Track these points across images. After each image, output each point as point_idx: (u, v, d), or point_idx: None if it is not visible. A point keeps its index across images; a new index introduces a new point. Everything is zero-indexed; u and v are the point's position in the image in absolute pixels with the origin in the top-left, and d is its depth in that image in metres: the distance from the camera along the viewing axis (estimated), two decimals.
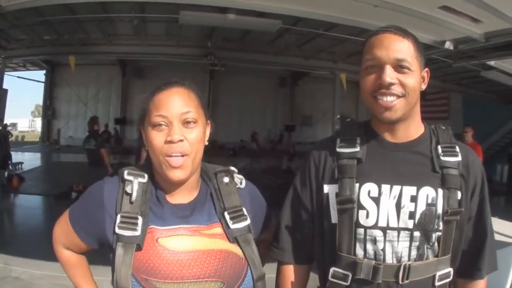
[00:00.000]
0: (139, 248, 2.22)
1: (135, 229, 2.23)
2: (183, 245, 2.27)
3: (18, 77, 40.74)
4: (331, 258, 2.43)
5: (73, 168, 22.26)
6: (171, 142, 2.26)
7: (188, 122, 2.32)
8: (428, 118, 2.54)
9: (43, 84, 43.53)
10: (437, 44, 12.85)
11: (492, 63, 15.54)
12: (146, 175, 2.40)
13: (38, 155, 36.32)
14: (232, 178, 2.57)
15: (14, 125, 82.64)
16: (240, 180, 2.60)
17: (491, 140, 31.54)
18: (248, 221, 2.46)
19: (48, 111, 43.58)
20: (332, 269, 2.39)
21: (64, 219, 2.52)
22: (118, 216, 2.27)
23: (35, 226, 12.68)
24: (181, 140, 2.28)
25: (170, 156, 2.27)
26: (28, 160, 29.51)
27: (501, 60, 14.92)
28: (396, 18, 9.42)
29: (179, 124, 2.29)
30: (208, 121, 2.51)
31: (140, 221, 2.26)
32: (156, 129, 2.30)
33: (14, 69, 38.27)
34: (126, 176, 2.35)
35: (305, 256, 2.62)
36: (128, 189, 2.32)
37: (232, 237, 2.38)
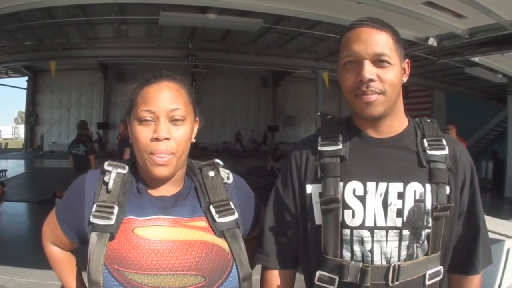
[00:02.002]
0: (112, 237, 2.16)
1: (109, 218, 2.18)
2: (161, 235, 2.20)
3: (1, 84, 40.80)
4: (316, 261, 2.35)
5: (57, 174, 22.13)
6: (157, 139, 2.20)
7: (175, 120, 2.26)
8: (410, 116, 2.47)
9: (25, 91, 43.50)
10: (421, 40, 12.83)
11: (476, 59, 15.57)
12: (126, 167, 2.35)
13: (22, 161, 36.32)
14: (218, 171, 2.50)
15: None
16: (227, 175, 2.53)
17: (475, 137, 31.88)
18: (235, 216, 2.38)
19: (31, 118, 43.70)
20: (318, 273, 2.32)
21: (51, 214, 2.48)
22: (94, 206, 2.22)
23: (20, 234, 12.68)
24: (167, 139, 2.22)
25: (155, 153, 2.21)
26: (11, 167, 29.52)
27: (485, 56, 14.94)
28: (379, 15, 9.16)
29: (166, 120, 2.24)
30: (197, 118, 2.47)
31: (115, 210, 2.20)
32: (142, 124, 2.24)
33: None
34: (106, 167, 2.32)
35: (290, 260, 2.54)
36: (106, 178, 2.28)
37: (219, 231, 2.30)
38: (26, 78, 42.63)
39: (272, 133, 46.28)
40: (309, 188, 2.39)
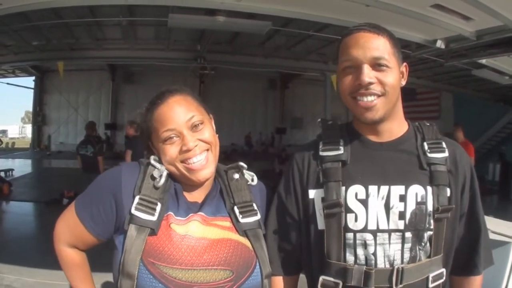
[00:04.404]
0: (153, 233, 2.21)
1: (152, 214, 2.24)
2: (194, 231, 2.27)
3: (8, 83, 40.77)
4: (319, 266, 2.37)
5: (64, 174, 22.27)
6: (188, 150, 2.32)
7: (196, 126, 2.38)
8: (418, 118, 2.51)
9: (32, 91, 43.53)
10: (429, 43, 12.84)
11: (483, 61, 15.56)
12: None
13: (29, 161, 36.30)
14: (242, 174, 2.58)
15: (4, 132, 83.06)
16: (251, 177, 2.62)
17: (482, 139, 31.74)
18: (258, 216, 2.47)
19: (38, 117, 43.71)
20: (321, 278, 2.34)
21: (69, 212, 2.44)
22: (137, 198, 2.28)
23: (27, 233, 12.68)
24: (196, 145, 2.35)
25: (189, 161, 2.34)
26: (18, 166, 29.52)
27: (493, 58, 14.94)
28: (387, 17, 9.38)
29: (188, 131, 2.35)
30: (210, 115, 2.57)
31: (158, 207, 2.27)
32: (167, 142, 2.36)
33: (3, 76, 38.30)
34: (153, 162, 2.39)
35: (294, 266, 2.57)
36: (155, 173, 2.34)
37: (242, 230, 2.39)
38: (33, 77, 42.66)
39: (280, 135, 46.23)
40: (311, 193, 2.41)
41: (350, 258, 2.28)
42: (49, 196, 16.99)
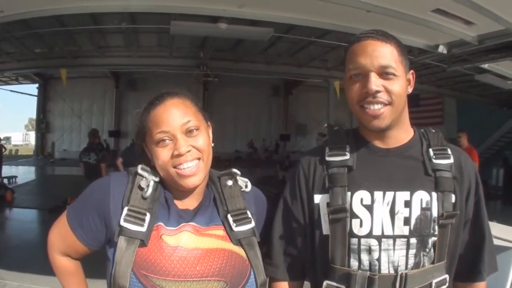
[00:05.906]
0: (143, 244, 2.17)
1: (141, 225, 2.20)
2: (186, 242, 2.23)
3: (11, 91, 40.92)
4: (323, 271, 2.35)
5: (68, 181, 22.15)
6: (179, 155, 2.25)
7: (191, 131, 2.30)
8: (422, 123, 2.50)
9: (36, 98, 43.63)
10: (431, 48, 12.82)
11: (485, 66, 15.52)
12: (158, 176, 2.36)
13: (32, 168, 36.38)
14: (235, 181, 2.53)
15: (7, 138, 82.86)
16: (245, 183, 2.56)
17: (486, 144, 31.76)
18: (252, 224, 2.42)
19: (42, 125, 43.87)
20: (325, 283, 2.32)
21: (61, 221, 2.42)
22: (125, 209, 2.23)
23: (30, 240, 12.64)
24: (189, 151, 2.27)
25: (179, 166, 2.27)
26: (22, 173, 29.55)
27: (495, 62, 14.90)
28: (389, 23, 9.38)
29: (182, 135, 2.28)
30: (209, 123, 2.51)
31: (147, 217, 2.22)
32: (160, 145, 2.29)
33: (6, 83, 38.40)
34: (140, 171, 2.34)
35: (299, 271, 2.54)
36: (142, 183, 2.30)
37: (235, 239, 2.34)
38: (37, 85, 42.79)
39: (284, 142, 46.29)
40: (317, 198, 2.39)
41: (354, 263, 2.27)
42: (52, 203, 16.87)
